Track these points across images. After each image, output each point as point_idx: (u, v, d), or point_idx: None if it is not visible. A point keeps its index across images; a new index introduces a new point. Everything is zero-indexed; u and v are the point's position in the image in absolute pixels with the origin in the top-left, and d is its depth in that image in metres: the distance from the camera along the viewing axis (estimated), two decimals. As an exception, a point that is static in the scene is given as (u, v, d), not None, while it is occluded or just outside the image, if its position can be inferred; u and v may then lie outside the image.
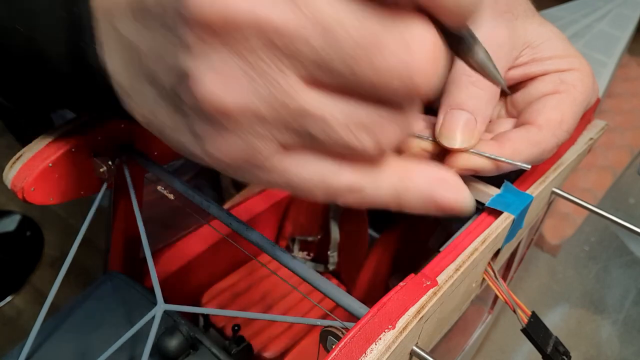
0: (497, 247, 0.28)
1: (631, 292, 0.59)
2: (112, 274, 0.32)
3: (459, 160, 0.26)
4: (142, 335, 0.26)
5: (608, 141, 0.73)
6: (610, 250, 0.62)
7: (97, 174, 0.30)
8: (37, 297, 0.57)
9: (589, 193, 0.67)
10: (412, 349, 0.22)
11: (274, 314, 0.42)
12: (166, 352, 0.27)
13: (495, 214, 0.28)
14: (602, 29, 0.74)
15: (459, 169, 0.26)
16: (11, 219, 0.66)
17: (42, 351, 0.28)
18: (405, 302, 0.22)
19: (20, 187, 0.27)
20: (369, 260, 0.45)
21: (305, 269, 0.24)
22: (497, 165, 0.26)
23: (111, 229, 0.33)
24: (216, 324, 0.40)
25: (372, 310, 0.21)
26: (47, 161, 0.27)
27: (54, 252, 0.62)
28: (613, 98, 0.80)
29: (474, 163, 0.26)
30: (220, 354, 0.28)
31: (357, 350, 0.20)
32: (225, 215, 0.27)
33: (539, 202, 0.32)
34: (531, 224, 0.35)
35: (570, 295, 0.59)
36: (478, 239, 0.26)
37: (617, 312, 0.57)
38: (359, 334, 0.20)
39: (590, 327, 0.56)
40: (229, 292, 0.44)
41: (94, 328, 0.29)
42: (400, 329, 0.21)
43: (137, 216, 0.29)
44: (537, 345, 0.28)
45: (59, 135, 0.28)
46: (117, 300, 0.30)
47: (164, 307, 0.25)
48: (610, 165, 0.70)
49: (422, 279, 0.23)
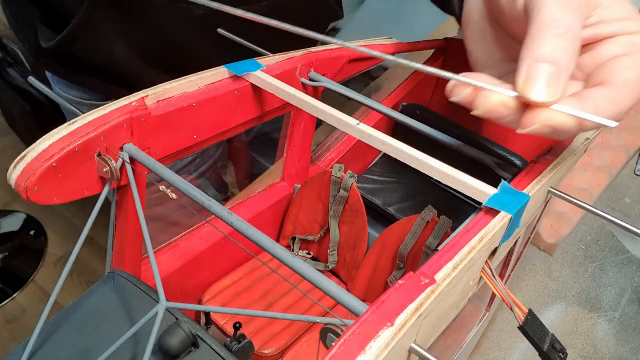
0: (495, 246, 0.29)
1: (627, 290, 0.59)
2: (115, 273, 0.32)
3: (542, 116, 0.25)
4: (144, 332, 0.26)
5: (604, 141, 0.73)
6: (607, 249, 0.63)
7: (100, 173, 0.30)
8: (40, 295, 0.57)
9: (585, 193, 0.67)
10: (410, 346, 0.22)
11: (275, 312, 0.42)
12: (168, 349, 0.27)
13: (493, 214, 0.28)
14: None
15: (541, 126, 0.25)
16: (15, 218, 0.67)
17: (45, 348, 0.28)
18: (404, 300, 0.22)
19: (24, 186, 0.27)
20: (369, 260, 0.45)
21: (306, 267, 0.24)
22: (580, 124, 0.25)
23: (114, 228, 0.34)
24: (217, 322, 0.41)
25: (371, 308, 0.21)
26: (50, 161, 0.27)
27: (58, 251, 0.63)
28: (610, 98, 0.80)
29: (558, 120, 0.25)
30: (221, 352, 0.28)
31: (356, 348, 0.20)
32: (227, 215, 0.27)
33: (536, 201, 0.32)
34: (528, 223, 0.36)
35: (567, 293, 0.59)
36: (476, 238, 0.26)
37: (613, 311, 0.57)
38: (358, 331, 0.20)
39: (587, 325, 0.56)
40: (230, 290, 0.44)
41: (97, 326, 0.29)
42: (399, 327, 0.21)
43: (139, 215, 0.29)
44: (534, 343, 0.29)
45: (62, 135, 0.28)
46: (120, 298, 0.31)
47: (166, 305, 0.26)
48: (606, 165, 0.71)
49: (420, 278, 0.23)
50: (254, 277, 0.45)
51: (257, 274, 0.46)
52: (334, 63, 0.43)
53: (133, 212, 0.33)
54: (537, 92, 0.25)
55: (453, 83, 0.28)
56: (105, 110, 0.30)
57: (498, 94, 0.26)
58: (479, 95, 0.27)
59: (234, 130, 0.38)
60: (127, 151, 0.31)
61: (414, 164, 0.30)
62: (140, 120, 0.31)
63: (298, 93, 0.35)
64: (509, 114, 0.27)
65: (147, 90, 0.32)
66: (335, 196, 0.45)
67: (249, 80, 0.37)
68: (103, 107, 0.30)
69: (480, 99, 0.27)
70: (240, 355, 0.30)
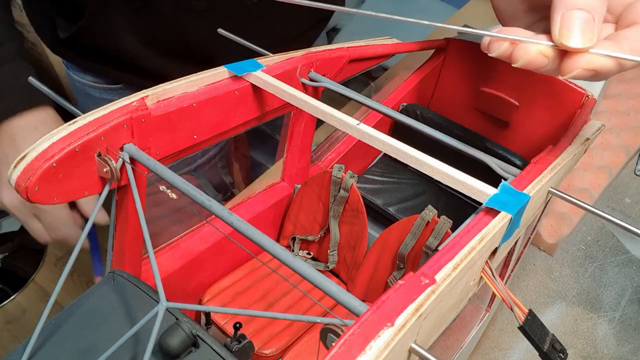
0: (495, 246, 0.29)
1: (627, 290, 0.59)
2: (115, 273, 0.32)
3: (581, 61, 0.26)
4: (144, 333, 0.26)
5: (604, 142, 0.74)
6: (607, 249, 0.63)
7: (100, 173, 0.30)
8: (40, 295, 0.57)
9: (585, 193, 0.67)
10: (410, 346, 0.22)
11: (275, 312, 0.42)
12: (168, 349, 0.27)
13: (493, 213, 0.28)
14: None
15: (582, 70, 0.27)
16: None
17: (45, 349, 0.28)
18: (404, 300, 0.22)
19: (24, 186, 0.27)
20: (369, 260, 0.45)
21: (306, 267, 0.24)
22: (619, 63, 0.27)
23: (114, 228, 0.34)
24: (217, 322, 0.41)
25: (371, 308, 0.21)
26: (50, 161, 0.27)
27: (58, 251, 0.63)
28: (609, 99, 0.80)
29: (598, 63, 0.26)
30: (221, 352, 0.28)
31: (356, 348, 0.20)
32: (227, 214, 0.27)
33: (536, 201, 0.32)
34: (528, 223, 0.36)
35: (567, 293, 0.59)
36: (476, 237, 0.26)
37: (613, 311, 0.57)
38: (358, 331, 0.20)
39: (587, 325, 0.56)
40: (230, 290, 0.44)
41: (97, 326, 0.29)
42: (399, 327, 0.21)
43: (139, 215, 0.29)
44: (534, 343, 0.29)
45: (62, 135, 0.28)
46: (119, 298, 0.31)
47: (166, 305, 0.26)
48: (606, 165, 0.71)
49: (420, 278, 0.23)
50: (254, 277, 0.45)
51: (257, 274, 0.46)
52: (334, 63, 0.43)
53: (133, 212, 0.33)
54: (574, 38, 0.26)
55: (488, 39, 0.30)
56: (105, 110, 0.30)
57: (536, 45, 0.27)
58: (517, 48, 0.28)
59: (234, 130, 0.38)
60: (127, 151, 0.31)
61: (414, 164, 0.30)
62: (140, 120, 0.31)
63: (298, 93, 0.35)
64: (547, 63, 0.28)
65: (147, 90, 0.32)
66: (335, 196, 0.45)
67: (249, 80, 0.37)
68: (103, 107, 0.30)
69: (519, 50, 0.28)
70: (240, 355, 0.30)
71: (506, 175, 0.36)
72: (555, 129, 0.46)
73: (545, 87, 0.46)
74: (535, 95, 0.47)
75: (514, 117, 0.49)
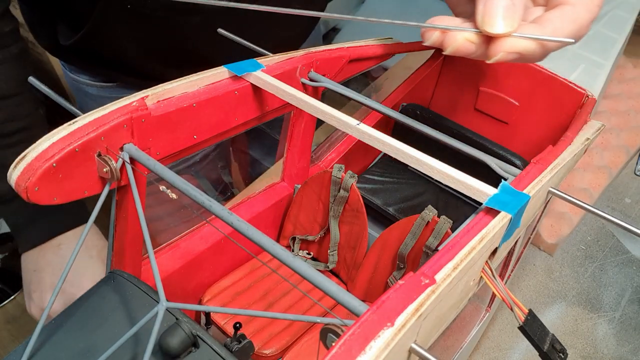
0: (495, 246, 0.29)
1: (627, 290, 0.59)
2: (115, 273, 0.32)
3: (505, 45, 0.28)
4: (144, 332, 0.26)
5: (604, 142, 0.74)
6: (607, 249, 0.63)
7: (100, 173, 0.30)
8: (39, 295, 0.57)
9: (585, 193, 0.67)
10: (410, 346, 0.22)
11: (275, 312, 0.42)
12: (168, 349, 0.27)
13: (493, 214, 0.28)
14: (599, 31, 0.74)
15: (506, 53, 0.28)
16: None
17: (45, 349, 0.28)
18: (404, 300, 0.22)
19: (24, 186, 0.27)
20: (369, 260, 0.45)
21: (306, 267, 0.24)
22: (543, 45, 0.28)
23: (114, 228, 0.34)
24: (217, 322, 0.41)
25: (371, 308, 0.21)
26: (50, 161, 0.27)
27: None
28: (609, 99, 0.80)
29: (520, 45, 0.28)
30: (221, 352, 0.28)
31: (356, 348, 0.20)
32: (227, 214, 0.27)
33: (536, 201, 0.32)
34: (528, 223, 0.36)
35: (567, 293, 0.59)
36: (476, 237, 0.26)
37: (613, 311, 0.57)
38: (358, 331, 0.20)
39: (587, 325, 0.56)
40: (230, 290, 0.44)
41: (97, 326, 0.29)
42: (399, 327, 0.21)
43: (139, 215, 0.29)
44: (534, 343, 0.29)
45: (62, 135, 0.28)
46: (120, 298, 0.31)
47: (166, 305, 0.26)
48: (606, 165, 0.71)
49: (420, 278, 0.23)
50: (254, 277, 0.45)
51: (257, 274, 0.46)
52: (334, 63, 0.43)
53: (133, 212, 0.33)
54: (496, 24, 0.28)
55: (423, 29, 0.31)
56: (105, 110, 0.30)
57: (462, 32, 0.29)
58: (447, 36, 0.30)
59: (234, 130, 0.38)
60: (127, 151, 0.31)
61: (414, 164, 0.30)
62: (140, 120, 0.31)
63: (298, 93, 0.35)
64: (476, 49, 0.29)
65: (147, 90, 0.32)
66: (335, 196, 0.45)
67: (249, 80, 0.37)
68: (103, 107, 0.30)
69: (448, 39, 0.30)
70: (240, 355, 0.30)
71: (506, 175, 0.36)
72: (555, 129, 0.47)
73: (545, 87, 0.47)
74: (535, 95, 0.47)
75: (514, 117, 0.49)
